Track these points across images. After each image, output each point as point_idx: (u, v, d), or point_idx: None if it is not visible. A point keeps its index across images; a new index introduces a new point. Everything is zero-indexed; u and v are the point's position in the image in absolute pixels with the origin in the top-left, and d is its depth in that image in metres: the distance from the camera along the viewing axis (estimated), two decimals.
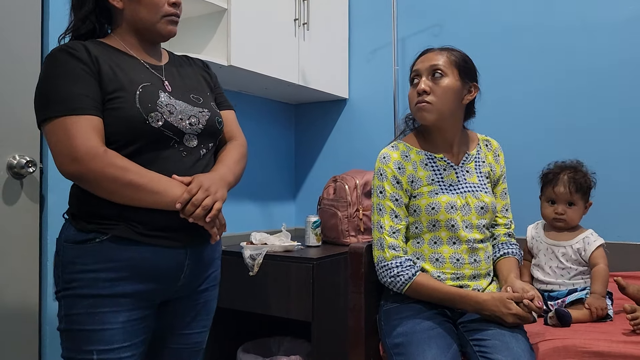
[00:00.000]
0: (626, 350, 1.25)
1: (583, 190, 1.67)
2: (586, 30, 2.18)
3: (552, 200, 1.70)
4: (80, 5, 1.29)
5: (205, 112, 1.32)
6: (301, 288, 1.97)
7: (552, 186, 1.69)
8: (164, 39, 1.33)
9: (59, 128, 1.13)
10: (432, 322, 1.38)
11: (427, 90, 1.44)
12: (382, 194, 1.47)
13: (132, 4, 1.26)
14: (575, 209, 1.67)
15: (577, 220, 1.69)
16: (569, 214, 1.67)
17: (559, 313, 1.48)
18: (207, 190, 1.18)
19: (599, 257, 1.63)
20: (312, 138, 2.89)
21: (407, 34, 2.57)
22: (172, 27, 1.30)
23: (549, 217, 1.71)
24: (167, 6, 1.27)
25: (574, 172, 1.69)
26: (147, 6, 1.26)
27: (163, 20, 1.28)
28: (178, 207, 1.15)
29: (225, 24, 2.00)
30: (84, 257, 1.17)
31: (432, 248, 1.47)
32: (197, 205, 1.16)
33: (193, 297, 1.34)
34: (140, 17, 1.27)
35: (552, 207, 1.70)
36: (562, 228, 1.70)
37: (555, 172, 1.71)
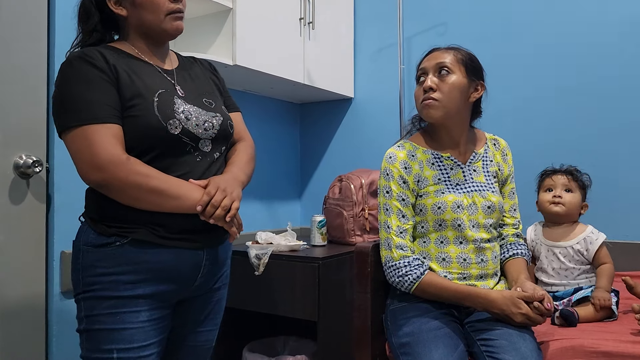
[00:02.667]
0: (635, 350, 1.24)
1: (580, 183, 1.68)
2: (592, 30, 2.17)
3: (550, 187, 1.70)
4: (86, 17, 1.30)
5: (218, 116, 1.33)
6: (307, 287, 1.97)
7: (550, 177, 1.71)
8: (172, 37, 1.33)
9: (80, 137, 1.14)
10: (439, 322, 1.38)
11: (433, 87, 1.44)
12: (389, 193, 1.47)
13: (135, 10, 1.27)
14: (573, 196, 1.66)
15: (574, 210, 1.67)
16: (567, 199, 1.66)
17: (564, 314, 1.47)
18: (224, 191, 1.21)
19: (605, 257, 1.62)
20: (318, 137, 2.88)
21: (412, 33, 2.56)
22: (177, 22, 1.30)
23: (546, 202, 1.69)
24: (168, 3, 1.27)
25: (573, 169, 1.70)
26: (149, 8, 1.26)
27: (167, 18, 1.28)
28: (199, 210, 1.18)
29: (231, 24, 2.00)
30: (104, 261, 1.19)
31: (438, 247, 1.46)
32: (217, 206, 1.19)
33: (207, 296, 1.36)
34: (145, 20, 1.27)
35: (549, 193, 1.69)
36: (559, 215, 1.68)
37: (553, 168, 1.73)
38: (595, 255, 1.63)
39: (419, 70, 1.51)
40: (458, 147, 1.54)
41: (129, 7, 1.27)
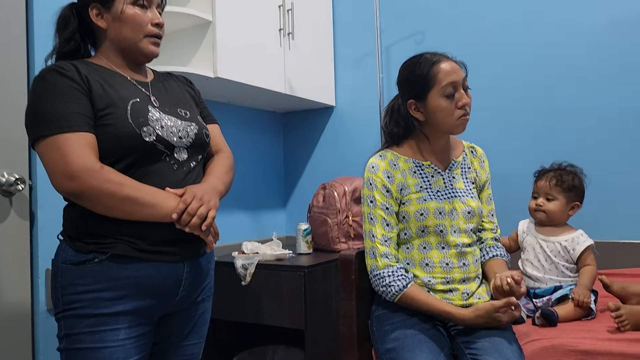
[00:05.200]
0: (611, 348, 1.28)
1: (565, 186, 1.71)
2: (569, 37, 2.23)
3: (535, 194, 1.76)
4: (64, 25, 1.31)
5: (193, 125, 1.34)
6: (293, 296, 1.99)
7: (537, 181, 1.77)
8: (147, 59, 1.35)
9: (53, 146, 1.14)
10: (423, 327, 1.41)
11: (469, 104, 1.48)
12: (373, 203, 1.49)
13: (115, 24, 1.28)
14: (555, 204, 1.72)
15: (558, 215, 1.72)
16: (548, 207, 1.72)
17: (545, 313, 1.51)
18: (201, 199, 1.21)
19: (589, 259, 1.67)
20: (301, 146, 2.91)
21: (390, 42, 2.60)
22: (154, 47, 1.32)
23: (531, 209, 1.77)
24: (150, 26, 1.29)
25: (562, 171, 1.74)
26: (130, 25, 1.28)
27: (145, 39, 1.30)
28: (174, 218, 1.17)
29: (211, 36, 2.02)
30: (83, 278, 1.18)
31: (421, 253, 1.49)
32: (193, 214, 1.18)
33: (190, 309, 1.36)
34: (123, 36, 1.29)
35: (534, 200, 1.76)
36: (542, 221, 1.74)
37: (546, 171, 1.77)
38: (580, 256, 1.67)
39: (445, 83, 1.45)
40: (439, 156, 1.57)
41: (110, 20, 1.28)
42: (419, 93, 1.50)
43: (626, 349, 1.27)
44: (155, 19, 1.30)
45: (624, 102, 2.12)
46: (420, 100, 1.50)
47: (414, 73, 1.51)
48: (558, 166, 1.77)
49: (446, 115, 1.47)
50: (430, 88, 1.47)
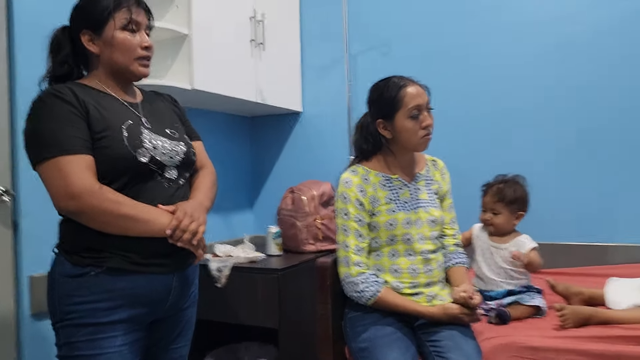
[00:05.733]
0: (556, 344, 1.48)
1: (507, 200, 1.91)
2: (526, 52, 2.42)
3: (483, 207, 1.96)
4: (57, 49, 1.37)
5: (181, 145, 1.43)
6: (268, 297, 2.11)
7: (483, 196, 1.96)
8: (137, 79, 1.42)
9: (54, 168, 1.21)
10: (392, 328, 1.57)
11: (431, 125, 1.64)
12: (347, 215, 1.63)
13: (107, 49, 1.35)
14: (500, 217, 1.92)
15: (505, 226, 1.92)
16: (494, 221, 1.93)
17: (499, 313, 1.71)
18: (192, 216, 1.31)
19: (534, 256, 1.86)
20: (268, 149, 3.02)
21: (357, 51, 2.73)
22: (144, 69, 1.40)
23: (482, 222, 1.98)
24: (139, 49, 1.37)
25: (505, 184, 1.93)
26: (121, 50, 1.35)
27: (136, 62, 1.37)
28: (168, 234, 1.27)
29: (187, 49, 2.09)
30: (81, 290, 1.26)
31: (390, 260, 1.64)
32: (185, 230, 1.28)
33: (178, 315, 1.46)
34: (115, 60, 1.36)
35: (482, 214, 1.96)
36: (492, 232, 1.95)
37: (491, 185, 1.96)
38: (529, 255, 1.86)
39: (411, 105, 1.60)
40: (404, 169, 1.72)
41: (102, 45, 1.35)
42: (387, 114, 1.65)
43: (569, 345, 1.47)
44: (144, 43, 1.38)
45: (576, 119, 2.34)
46: (388, 120, 1.65)
47: (382, 95, 1.65)
48: (502, 179, 1.95)
49: (411, 135, 1.62)
50: (397, 110, 1.62)
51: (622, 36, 2.25)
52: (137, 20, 1.36)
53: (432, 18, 2.60)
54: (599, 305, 1.79)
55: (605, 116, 2.29)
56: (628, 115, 2.25)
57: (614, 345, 1.46)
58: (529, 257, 1.82)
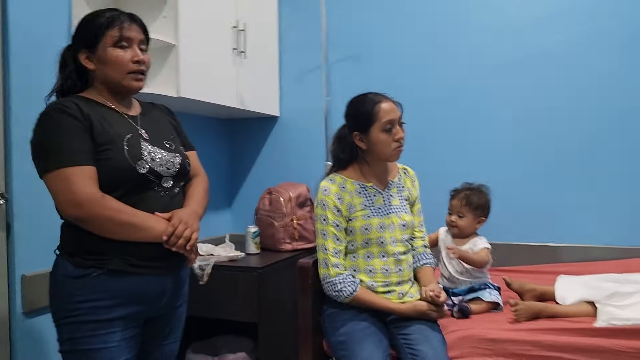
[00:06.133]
0: (511, 336, 1.68)
1: (472, 206, 2.10)
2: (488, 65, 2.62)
3: (450, 210, 2.13)
4: (64, 66, 1.49)
5: (177, 156, 1.54)
6: (248, 293, 2.25)
7: (451, 200, 2.15)
8: (132, 93, 1.52)
9: (61, 178, 1.32)
10: (367, 323, 1.74)
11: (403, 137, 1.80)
12: (326, 221, 1.78)
13: (101, 65, 1.45)
14: (464, 220, 2.11)
15: (467, 229, 2.12)
16: (459, 223, 2.12)
17: (461, 308, 1.90)
18: (186, 223, 1.42)
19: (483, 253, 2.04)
20: (246, 152, 3.14)
21: (332, 60, 2.88)
22: (136, 83, 1.48)
23: (447, 223, 2.16)
24: (131, 64, 1.45)
25: (471, 191, 2.11)
26: (113, 66, 1.44)
27: (128, 77, 1.46)
28: (165, 239, 1.39)
29: (174, 59, 2.18)
30: (83, 290, 1.37)
31: (365, 261, 1.81)
32: (180, 236, 1.40)
33: (171, 313, 1.58)
34: (109, 76, 1.46)
35: (448, 216, 2.14)
36: (455, 234, 2.13)
37: (459, 190, 2.14)
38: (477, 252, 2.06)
39: (385, 120, 1.76)
40: (378, 178, 1.89)
41: (97, 62, 1.45)
42: (363, 127, 1.81)
43: (522, 337, 1.67)
44: (135, 57, 1.46)
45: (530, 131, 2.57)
46: (364, 133, 1.81)
47: (359, 110, 1.82)
48: (468, 186, 2.15)
49: (384, 147, 1.79)
50: (372, 123, 1.78)
51: (585, 49, 2.48)
52: (127, 36, 1.44)
53: (405, 30, 2.77)
54: (549, 300, 2.00)
55: (556, 128, 2.52)
56: (578, 126, 2.49)
57: (560, 337, 1.66)
58: (459, 253, 2.00)
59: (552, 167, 2.53)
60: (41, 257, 1.90)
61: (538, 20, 2.54)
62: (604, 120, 2.46)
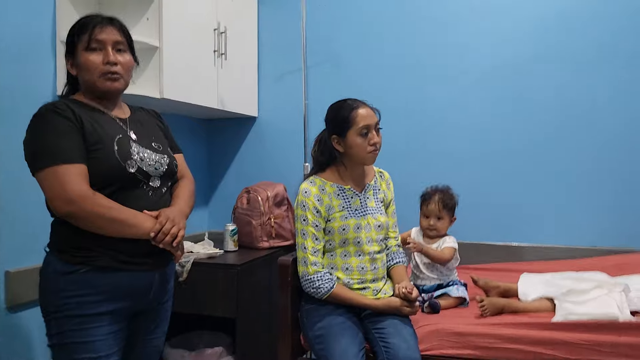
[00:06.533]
0: (477, 330, 1.80)
1: (448, 207, 2.22)
2: (459, 72, 2.75)
3: (427, 215, 2.23)
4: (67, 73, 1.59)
5: (165, 157, 1.61)
6: (227, 290, 2.32)
7: (427, 204, 2.24)
8: (109, 95, 1.55)
9: (52, 175, 1.37)
10: (343, 317, 1.84)
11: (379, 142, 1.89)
12: (305, 221, 1.87)
13: (79, 70, 1.52)
14: (442, 222, 2.22)
15: (443, 230, 2.24)
16: (438, 225, 2.23)
17: (431, 303, 2.02)
18: (173, 221, 1.49)
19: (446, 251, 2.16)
20: (224, 151, 3.20)
21: (310, 63, 2.96)
22: (110, 83, 1.51)
23: (424, 227, 2.26)
24: (102, 66, 1.50)
25: (443, 194, 2.23)
26: (85, 69, 1.50)
27: (100, 79, 1.51)
28: (152, 236, 1.45)
29: (158, 61, 2.23)
30: (71, 285, 1.42)
31: (342, 260, 1.91)
32: (167, 233, 1.46)
33: (157, 309, 1.64)
34: (85, 79, 1.53)
35: (426, 220, 2.24)
36: (433, 236, 2.24)
37: (430, 194, 2.25)
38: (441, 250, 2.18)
39: (361, 125, 1.86)
40: (355, 180, 1.99)
41: (77, 68, 1.53)
42: (340, 131, 1.90)
43: (487, 331, 1.79)
44: (105, 59, 1.50)
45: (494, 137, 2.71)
46: (341, 137, 1.91)
47: (337, 114, 1.92)
48: (436, 189, 2.26)
49: (360, 150, 1.89)
50: (349, 128, 1.88)
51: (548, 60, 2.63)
52: (98, 38, 1.49)
53: (381, 35, 2.87)
54: (513, 297, 2.14)
55: (518, 134, 2.67)
56: (539, 133, 2.64)
57: (521, 330, 1.79)
58: (419, 246, 2.12)
59: (515, 171, 2.68)
60: (24, 253, 1.96)
61: (505, 33, 2.69)
62: (564, 126, 2.61)
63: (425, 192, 2.28)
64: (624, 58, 2.53)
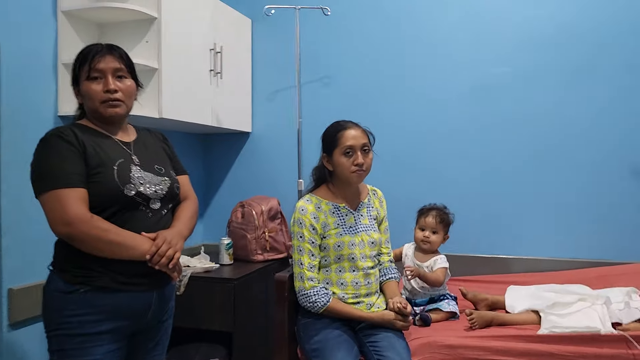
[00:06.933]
0: (467, 343, 1.88)
1: (444, 223, 2.31)
2: (446, 94, 2.85)
3: (423, 227, 2.32)
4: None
5: (166, 180, 1.66)
6: (225, 303, 2.38)
7: (424, 217, 2.32)
8: (110, 120, 1.61)
9: (54, 198, 1.43)
10: (339, 331, 1.90)
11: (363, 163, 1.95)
12: (302, 238, 1.95)
13: (83, 98, 1.60)
14: (437, 236, 2.31)
15: (437, 245, 2.32)
16: (432, 239, 2.30)
17: (423, 317, 2.10)
18: (170, 243, 1.53)
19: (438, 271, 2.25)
20: (219, 165, 3.27)
21: (303, 81, 3.04)
22: (111, 109, 1.57)
23: (419, 239, 2.33)
24: (102, 94, 1.56)
25: (441, 210, 2.33)
26: (89, 98, 1.57)
27: (102, 106, 1.57)
28: (148, 258, 1.49)
29: (157, 82, 2.30)
30: (72, 304, 1.47)
31: (337, 275, 1.98)
32: (162, 255, 1.50)
33: (157, 327, 1.69)
34: (88, 107, 1.60)
35: (422, 232, 2.32)
36: (426, 250, 2.32)
37: (428, 209, 2.34)
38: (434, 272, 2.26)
39: (345, 146, 1.93)
40: (350, 199, 2.06)
41: (81, 96, 1.60)
42: (328, 149, 2.00)
43: (476, 343, 1.87)
44: (105, 87, 1.56)
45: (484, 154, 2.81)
46: (329, 155, 2.00)
47: (327, 134, 2.02)
48: (435, 206, 2.35)
49: (344, 169, 1.97)
50: (335, 147, 1.98)
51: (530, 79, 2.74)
52: (98, 67, 1.55)
53: (370, 56, 2.96)
54: (500, 309, 2.22)
55: (505, 150, 2.78)
56: (525, 150, 2.75)
57: (509, 342, 1.87)
58: (417, 272, 2.20)
59: (502, 187, 2.79)
60: (27, 271, 2.01)
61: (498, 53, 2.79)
62: (549, 143, 2.72)
63: (424, 207, 2.37)
64: (611, 76, 2.64)
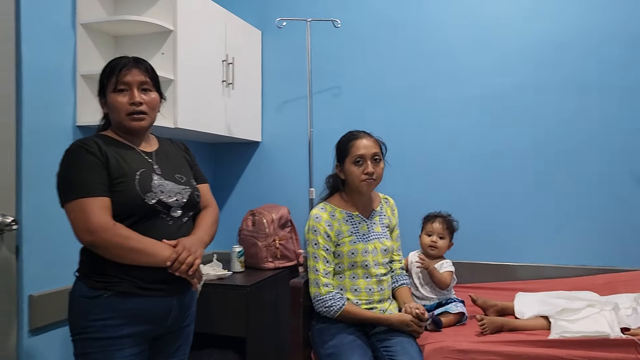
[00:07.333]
0: (478, 347, 1.92)
1: (450, 229, 2.36)
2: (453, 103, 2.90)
3: (430, 233, 2.37)
4: None
5: (187, 189, 1.71)
6: (238, 310, 2.42)
7: (431, 223, 2.37)
8: (135, 132, 1.67)
9: (78, 207, 1.49)
10: (353, 336, 1.95)
11: (373, 172, 2.00)
12: (317, 245, 1.99)
13: (109, 109, 1.66)
14: (444, 242, 2.35)
15: (443, 250, 2.37)
16: (440, 244, 2.35)
17: (435, 320, 2.15)
18: (189, 250, 1.58)
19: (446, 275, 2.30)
20: (228, 174, 3.31)
21: (314, 91, 3.09)
22: (135, 123, 1.63)
23: (426, 244, 2.38)
24: (127, 106, 1.62)
25: (447, 217, 2.38)
26: (114, 110, 1.63)
27: (127, 118, 1.63)
28: (168, 265, 1.54)
29: (172, 93, 2.35)
30: (95, 309, 1.53)
31: (351, 281, 2.02)
32: (183, 262, 1.55)
33: (178, 332, 1.73)
34: (113, 118, 1.66)
35: (429, 238, 2.37)
36: (433, 255, 2.36)
37: (435, 216, 2.39)
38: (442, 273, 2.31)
39: (355, 155, 2.01)
40: (363, 207, 2.11)
41: (107, 107, 1.66)
42: (340, 159, 2.08)
43: (488, 348, 1.92)
44: (131, 99, 1.62)
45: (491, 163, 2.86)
46: (341, 164, 2.06)
47: (339, 143, 2.10)
48: (440, 213, 2.40)
49: (354, 178, 2.03)
50: (346, 156, 2.05)
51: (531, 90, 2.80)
52: (124, 80, 1.61)
53: (379, 66, 3.02)
54: (509, 315, 2.27)
55: (511, 158, 2.82)
56: (532, 157, 2.79)
57: (520, 347, 1.91)
58: (427, 264, 2.25)
59: (508, 193, 2.83)
60: (47, 278, 2.05)
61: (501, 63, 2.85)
62: (556, 150, 2.76)
63: (429, 214, 2.42)
64: (615, 84, 2.69)
